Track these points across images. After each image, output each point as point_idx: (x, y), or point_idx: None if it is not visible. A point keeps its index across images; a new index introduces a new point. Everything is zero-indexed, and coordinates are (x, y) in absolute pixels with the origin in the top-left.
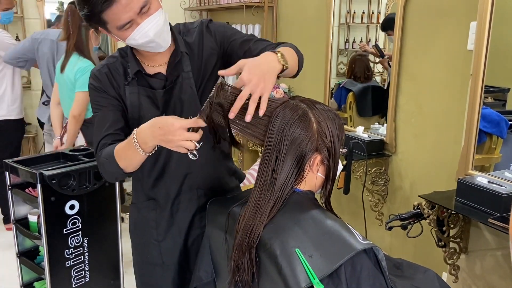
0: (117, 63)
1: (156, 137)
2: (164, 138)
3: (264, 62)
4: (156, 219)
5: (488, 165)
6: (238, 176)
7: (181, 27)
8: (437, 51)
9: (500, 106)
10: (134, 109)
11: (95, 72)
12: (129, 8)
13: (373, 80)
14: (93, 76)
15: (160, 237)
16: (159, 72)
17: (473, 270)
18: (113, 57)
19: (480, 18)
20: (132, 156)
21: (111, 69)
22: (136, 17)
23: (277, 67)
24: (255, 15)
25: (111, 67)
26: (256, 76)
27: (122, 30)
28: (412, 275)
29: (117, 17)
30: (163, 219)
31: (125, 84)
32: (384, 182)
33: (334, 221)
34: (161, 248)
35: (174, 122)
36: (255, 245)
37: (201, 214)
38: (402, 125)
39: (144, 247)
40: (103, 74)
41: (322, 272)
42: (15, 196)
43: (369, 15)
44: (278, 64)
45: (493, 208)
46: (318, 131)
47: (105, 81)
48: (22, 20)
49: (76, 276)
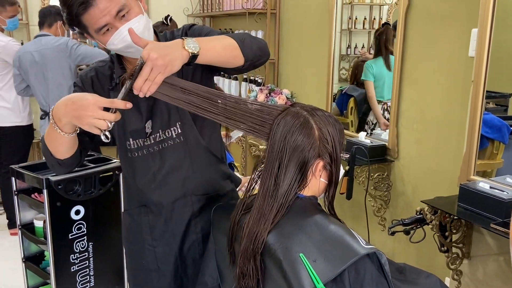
0: (105, 67)
1: (68, 112)
2: (76, 114)
3: (168, 45)
4: (150, 224)
5: (490, 171)
6: (233, 180)
7: (168, 35)
8: (439, 57)
9: (502, 112)
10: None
11: (82, 74)
12: (106, 11)
13: None
14: (80, 76)
15: (155, 242)
16: None
17: (475, 275)
18: (103, 61)
19: (481, 25)
20: (54, 137)
21: (98, 73)
22: (114, 21)
23: (181, 51)
24: (258, 22)
25: (99, 70)
26: (155, 53)
27: (100, 34)
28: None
29: (94, 20)
30: (157, 224)
31: (109, 88)
32: (387, 187)
33: (337, 226)
34: (156, 254)
35: (88, 97)
36: (260, 251)
37: (196, 220)
38: (404, 131)
39: (138, 253)
40: (88, 78)
41: (326, 276)
42: (21, 202)
43: (371, 21)
44: (183, 50)
45: (495, 214)
46: (319, 137)
47: (87, 84)
48: (27, 27)
49: (81, 281)
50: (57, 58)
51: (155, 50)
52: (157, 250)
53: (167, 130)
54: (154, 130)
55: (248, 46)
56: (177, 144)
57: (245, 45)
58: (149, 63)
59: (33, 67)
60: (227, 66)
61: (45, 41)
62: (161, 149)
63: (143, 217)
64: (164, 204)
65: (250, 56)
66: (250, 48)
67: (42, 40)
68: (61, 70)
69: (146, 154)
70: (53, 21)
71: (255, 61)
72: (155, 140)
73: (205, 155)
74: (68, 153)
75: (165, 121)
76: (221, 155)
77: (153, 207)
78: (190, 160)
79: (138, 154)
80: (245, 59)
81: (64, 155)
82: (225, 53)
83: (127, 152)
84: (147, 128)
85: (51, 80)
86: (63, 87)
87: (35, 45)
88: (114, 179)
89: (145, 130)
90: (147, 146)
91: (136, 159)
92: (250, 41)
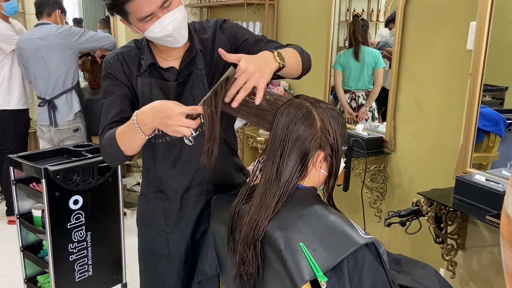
0: (131, 53)
1: (155, 120)
2: (162, 121)
3: (261, 57)
4: (165, 211)
5: (485, 163)
6: (245, 173)
7: (196, 25)
8: (437, 50)
9: (498, 105)
10: (145, 100)
11: (109, 59)
12: (152, 1)
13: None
14: (107, 62)
15: (168, 228)
16: (172, 67)
17: (470, 266)
18: (127, 47)
19: (480, 19)
20: (132, 138)
21: (125, 58)
22: (158, 10)
23: (273, 64)
24: (256, 13)
25: (125, 55)
26: (252, 66)
27: (142, 22)
28: (411, 270)
29: (139, 8)
30: (172, 211)
31: (138, 75)
32: (383, 179)
33: (337, 216)
34: (168, 240)
35: (174, 107)
36: (260, 239)
37: (209, 209)
38: (402, 124)
39: (151, 238)
40: (116, 61)
41: (326, 265)
42: (19, 191)
43: (369, 13)
44: (274, 62)
45: (491, 206)
46: (321, 128)
47: (118, 68)
48: (23, 16)
49: (79, 270)
50: (61, 44)
51: (251, 63)
52: (170, 237)
53: None
54: None
55: (306, 60)
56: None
57: (304, 59)
58: (245, 75)
59: (35, 55)
60: (288, 76)
61: (47, 29)
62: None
63: (159, 203)
64: (180, 191)
65: (305, 69)
66: (307, 61)
67: (43, 28)
68: (63, 56)
69: (169, 141)
70: (52, 10)
71: (305, 73)
72: None
73: (222, 146)
74: (137, 150)
75: None
76: (235, 147)
77: (170, 193)
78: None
79: (161, 141)
80: (302, 71)
81: (134, 152)
82: (296, 65)
83: (151, 138)
84: None
85: (53, 67)
86: (65, 74)
87: (35, 33)
88: (112, 169)
89: None
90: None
91: (159, 145)
92: (307, 54)
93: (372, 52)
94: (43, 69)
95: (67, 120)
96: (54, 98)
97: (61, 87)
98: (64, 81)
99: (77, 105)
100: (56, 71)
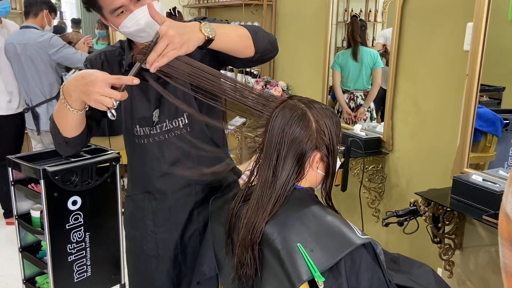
0: (115, 52)
1: (78, 87)
2: (84, 89)
3: (186, 25)
4: (153, 211)
5: (482, 163)
6: (236, 171)
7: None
8: (434, 51)
9: (495, 105)
10: (126, 102)
11: (91, 57)
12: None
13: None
14: (88, 60)
15: (157, 229)
16: None
17: (467, 266)
18: (112, 47)
19: (477, 19)
20: (64, 114)
21: (108, 57)
22: (129, 3)
23: (198, 33)
24: (254, 13)
25: (108, 54)
26: (172, 30)
27: (114, 16)
28: (408, 269)
29: (110, 1)
30: (160, 212)
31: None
32: (381, 179)
33: (334, 217)
34: (157, 240)
35: (97, 74)
36: (258, 241)
37: (198, 209)
38: (399, 124)
39: (139, 239)
40: (98, 61)
41: (323, 265)
42: (17, 192)
43: (367, 13)
44: (199, 33)
45: (488, 206)
46: (317, 129)
47: (98, 66)
48: (21, 16)
49: (78, 270)
50: (38, 54)
51: (173, 27)
52: (159, 237)
53: (174, 120)
54: (161, 119)
55: (260, 38)
56: (184, 134)
57: (257, 37)
58: (165, 38)
59: (16, 60)
60: (237, 55)
61: (29, 35)
62: (167, 139)
63: (147, 204)
64: (168, 192)
65: (261, 49)
66: (262, 40)
67: (26, 33)
68: (41, 66)
69: (152, 143)
70: (39, 10)
71: (264, 55)
72: (161, 129)
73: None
74: (76, 131)
75: (172, 111)
76: (224, 147)
77: (157, 194)
78: (196, 150)
79: (144, 142)
80: (255, 50)
81: (72, 133)
82: (239, 41)
83: (134, 138)
84: (154, 116)
85: (31, 76)
86: (44, 84)
87: (18, 37)
88: (111, 169)
89: (152, 119)
90: (153, 135)
91: (143, 146)
92: (263, 34)
93: (371, 52)
94: (23, 76)
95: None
96: (36, 107)
97: (42, 96)
98: (43, 90)
99: None
100: (33, 79)
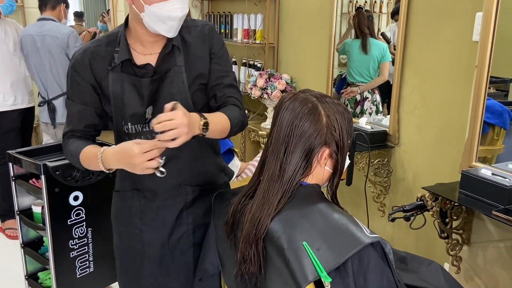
0: (101, 48)
1: (120, 163)
2: (128, 162)
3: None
4: (141, 209)
5: (490, 157)
6: (227, 173)
7: (189, 21)
8: (442, 42)
9: (502, 97)
10: (117, 98)
11: (78, 58)
12: None
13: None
14: (74, 58)
15: (144, 227)
16: (148, 63)
17: (475, 261)
18: (98, 40)
19: (486, 9)
20: (95, 166)
21: (94, 55)
22: None
23: (197, 131)
24: (257, 5)
25: (95, 52)
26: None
27: None
28: (416, 268)
29: None
30: (148, 210)
31: (109, 69)
32: (387, 173)
33: (341, 215)
34: (143, 239)
35: (133, 147)
36: (262, 237)
37: (188, 210)
38: (406, 117)
39: (126, 235)
40: (86, 63)
41: (330, 265)
42: (18, 187)
43: (372, 4)
44: (197, 129)
45: (497, 200)
46: (327, 124)
47: (86, 70)
48: (22, 9)
49: (80, 266)
50: (56, 47)
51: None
52: (145, 236)
53: None
54: (154, 117)
55: (233, 132)
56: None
57: (232, 131)
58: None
59: (34, 52)
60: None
61: (48, 26)
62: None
63: (135, 202)
64: (158, 192)
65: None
66: (235, 132)
67: (45, 25)
68: (59, 58)
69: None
70: (57, 3)
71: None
72: None
73: (203, 147)
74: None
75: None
76: (217, 148)
77: (147, 193)
78: (188, 151)
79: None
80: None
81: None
82: (218, 134)
83: (124, 136)
84: (147, 113)
85: (49, 68)
86: (61, 76)
87: (37, 29)
88: None
89: (145, 116)
90: (145, 133)
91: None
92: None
93: (380, 45)
94: (41, 68)
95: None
96: (53, 99)
97: (59, 88)
98: (60, 83)
99: None
100: (52, 71)
